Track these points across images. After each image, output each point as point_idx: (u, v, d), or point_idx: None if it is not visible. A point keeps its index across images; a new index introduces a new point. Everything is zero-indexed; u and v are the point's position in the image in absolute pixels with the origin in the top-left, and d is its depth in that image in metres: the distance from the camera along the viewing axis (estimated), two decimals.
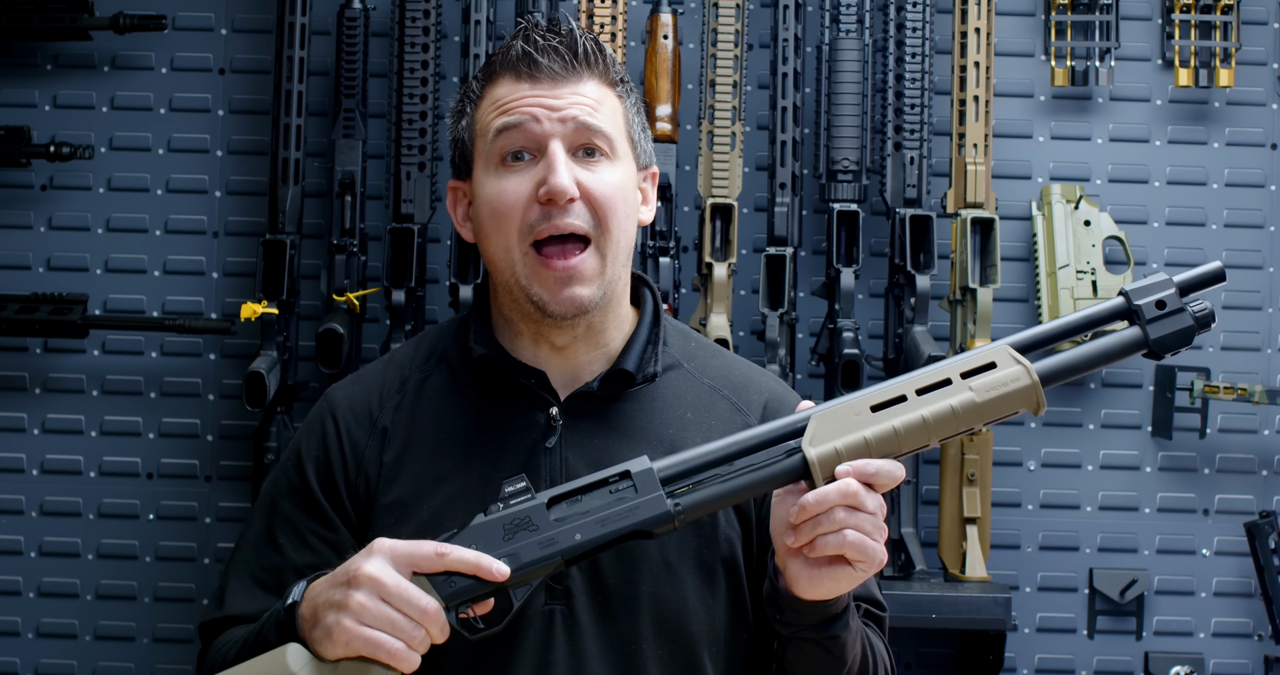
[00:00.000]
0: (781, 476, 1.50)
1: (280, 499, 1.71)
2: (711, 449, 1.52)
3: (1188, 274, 1.56)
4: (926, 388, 1.51)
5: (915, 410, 1.50)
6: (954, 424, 1.50)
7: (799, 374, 2.81)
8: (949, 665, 2.89)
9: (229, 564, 1.73)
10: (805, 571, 1.49)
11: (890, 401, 1.50)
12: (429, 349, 1.77)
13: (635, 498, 1.49)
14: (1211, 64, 2.86)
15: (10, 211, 2.90)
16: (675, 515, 1.49)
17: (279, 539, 1.69)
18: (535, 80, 1.65)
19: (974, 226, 2.73)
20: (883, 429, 1.49)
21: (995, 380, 1.50)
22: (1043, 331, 1.55)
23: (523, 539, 1.49)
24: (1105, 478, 2.90)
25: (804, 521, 1.47)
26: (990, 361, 1.52)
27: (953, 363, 1.52)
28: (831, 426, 1.50)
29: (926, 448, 1.51)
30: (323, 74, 2.84)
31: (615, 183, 1.65)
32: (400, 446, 1.69)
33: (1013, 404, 1.50)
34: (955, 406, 1.50)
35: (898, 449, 1.49)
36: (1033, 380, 1.50)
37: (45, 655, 2.86)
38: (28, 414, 2.89)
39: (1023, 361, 1.51)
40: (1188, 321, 1.53)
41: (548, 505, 1.50)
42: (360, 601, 1.44)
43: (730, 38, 2.74)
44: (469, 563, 1.46)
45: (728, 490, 1.50)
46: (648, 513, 1.49)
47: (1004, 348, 1.52)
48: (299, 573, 1.66)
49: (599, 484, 1.51)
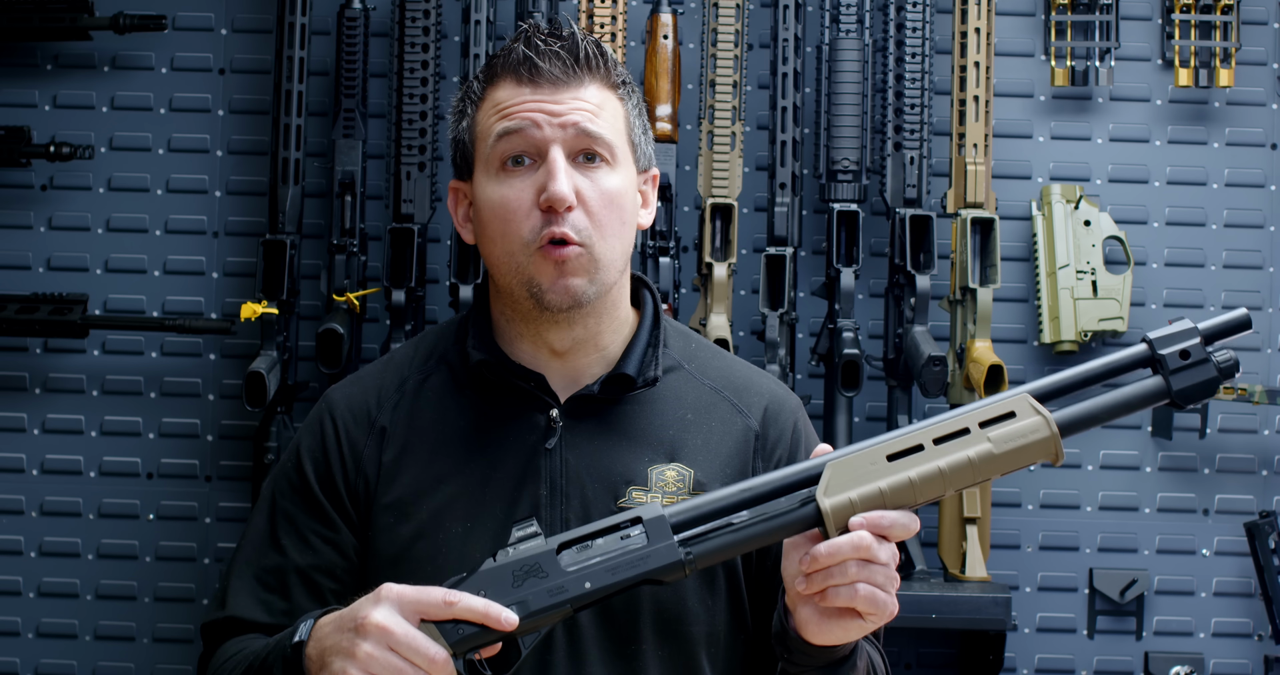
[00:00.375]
0: (795, 526, 1.48)
1: (281, 499, 1.72)
2: (724, 495, 1.50)
3: (1212, 321, 1.54)
4: (944, 437, 1.49)
5: (932, 461, 1.48)
6: (970, 475, 1.48)
7: (799, 374, 2.81)
8: (949, 665, 2.89)
9: (230, 564, 1.72)
10: (815, 618, 1.49)
11: (907, 450, 1.49)
12: (428, 350, 1.76)
13: (646, 546, 1.47)
14: (1211, 64, 2.86)
15: (10, 211, 2.90)
16: (686, 564, 1.47)
17: (280, 539, 1.69)
18: (536, 85, 1.65)
19: (974, 226, 2.73)
20: (898, 480, 1.47)
21: (1014, 431, 1.49)
22: (1063, 379, 1.53)
23: (532, 586, 1.47)
24: (1105, 478, 2.90)
25: (816, 571, 1.46)
26: (1010, 411, 1.49)
27: (971, 411, 1.50)
28: (847, 475, 1.48)
29: (942, 498, 1.50)
30: (323, 74, 2.84)
31: (614, 189, 1.65)
32: (399, 447, 1.69)
33: (1031, 455, 1.49)
34: (973, 458, 1.48)
35: (914, 500, 1.48)
36: (1052, 431, 1.49)
37: (45, 655, 2.86)
38: (28, 414, 2.89)
39: (1043, 412, 1.49)
40: (1211, 372, 1.52)
41: (557, 551, 1.48)
42: (368, 651, 1.43)
43: (730, 38, 2.74)
44: (478, 612, 1.45)
45: (740, 539, 1.49)
46: (659, 562, 1.47)
47: (1024, 397, 1.50)
48: (301, 573, 1.66)
49: (610, 529, 1.49)
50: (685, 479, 1.67)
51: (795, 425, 1.74)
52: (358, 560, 1.68)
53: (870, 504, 1.46)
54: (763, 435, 1.71)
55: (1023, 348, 2.91)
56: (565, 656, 1.62)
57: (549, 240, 1.62)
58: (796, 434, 1.74)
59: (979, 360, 2.66)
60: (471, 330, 1.72)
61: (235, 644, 1.65)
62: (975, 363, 2.67)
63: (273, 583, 1.67)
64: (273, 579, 1.68)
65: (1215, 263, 2.92)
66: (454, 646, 1.45)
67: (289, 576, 1.66)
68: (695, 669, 1.64)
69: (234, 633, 1.67)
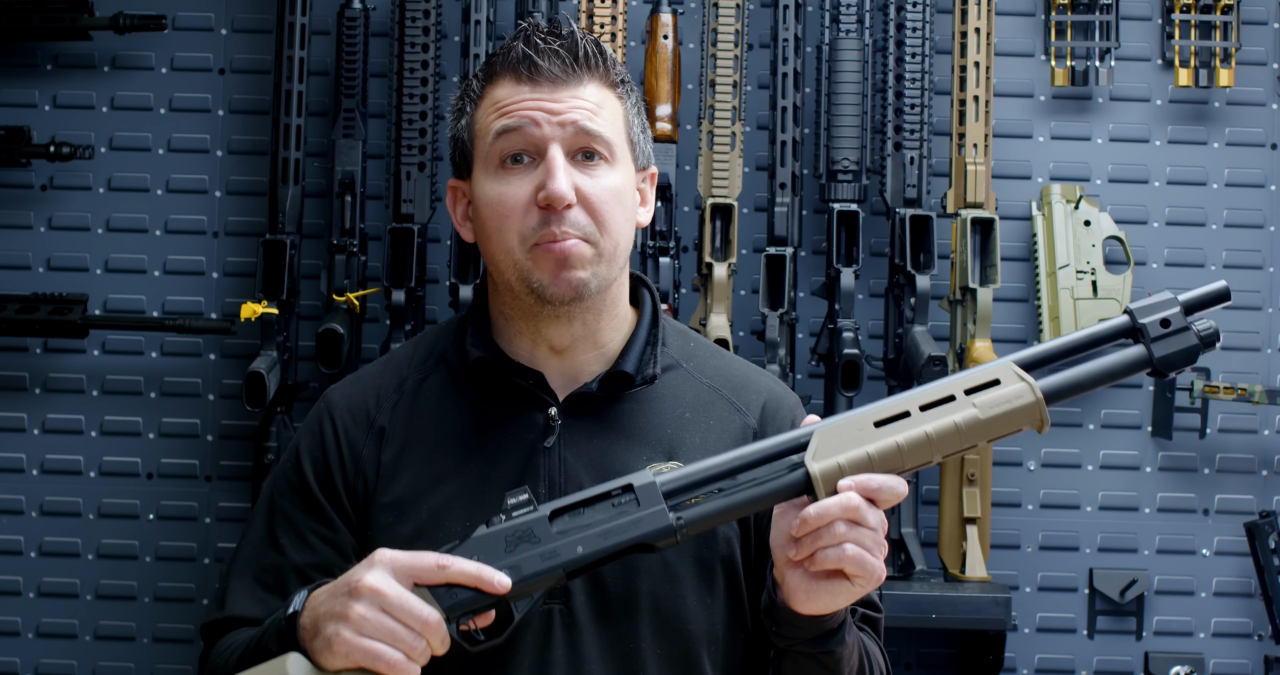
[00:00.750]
0: (784, 491, 1.50)
1: (280, 499, 1.72)
2: (714, 463, 1.52)
3: (1192, 293, 1.56)
4: (930, 404, 1.51)
5: (919, 426, 1.49)
6: (957, 440, 1.50)
7: (799, 374, 2.81)
8: (949, 665, 2.89)
9: (230, 564, 1.73)
10: (803, 585, 1.49)
11: (894, 417, 1.50)
12: (427, 349, 1.77)
13: (637, 511, 1.49)
14: (1211, 64, 2.86)
15: (10, 211, 2.90)
16: (678, 529, 1.49)
17: (280, 539, 1.69)
18: (536, 83, 1.65)
19: (974, 226, 2.73)
20: (886, 444, 1.49)
21: (999, 397, 1.50)
22: (1047, 349, 1.55)
23: (524, 551, 1.48)
24: (1105, 478, 2.90)
25: (805, 535, 1.47)
26: (994, 378, 1.52)
27: (956, 379, 1.52)
28: (835, 441, 1.50)
29: (930, 464, 1.51)
30: (323, 74, 2.84)
31: (613, 187, 1.66)
32: (399, 446, 1.69)
33: (1016, 421, 1.50)
34: (959, 422, 1.49)
35: (901, 465, 1.49)
36: (1036, 397, 1.50)
37: (45, 655, 2.86)
38: (28, 414, 2.89)
39: (1027, 379, 1.51)
40: (1192, 340, 1.53)
41: (550, 518, 1.50)
42: (361, 613, 1.44)
43: (730, 38, 2.74)
44: (470, 575, 1.46)
45: (730, 505, 1.50)
46: (650, 526, 1.48)
47: (1008, 365, 1.52)
48: (300, 573, 1.66)
49: (602, 497, 1.51)
50: None
51: (793, 423, 1.74)
52: (356, 560, 1.68)
53: (858, 468, 1.48)
54: (760, 432, 1.71)
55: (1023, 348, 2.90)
56: (564, 655, 1.62)
57: (548, 239, 1.62)
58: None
59: (979, 360, 2.66)
60: (470, 328, 1.72)
61: (233, 636, 1.65)
62: (975, 363, 2.67)
63: (271, 582, 1.68)
64: (271, 578, 1.68)
65: (1215, 263, 2.92)
66: (448, 611, 1.46)
67: (288, 575, 1.67)
68: (694, 668, 1.64)
69: (233, 631, 1.68)
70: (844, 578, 1.48)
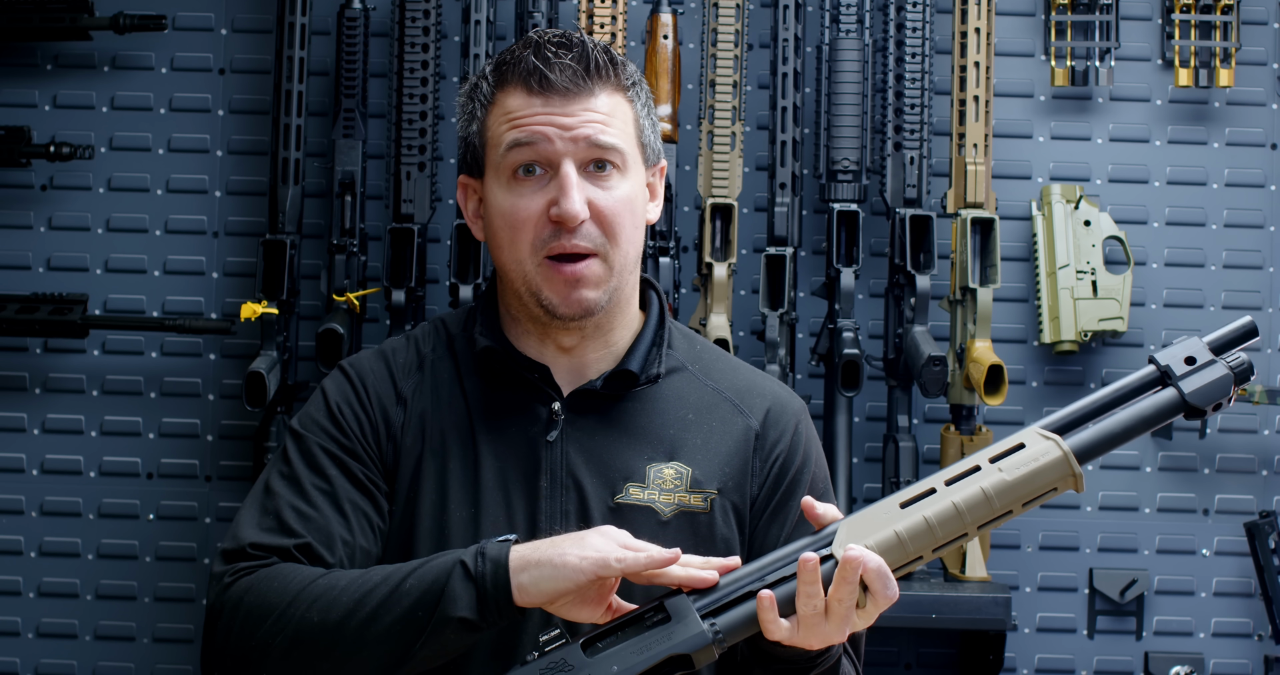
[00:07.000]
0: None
1: (311, 435, 1.67)
2: (744, 572, 1.50)
3: (1217, 333, 1.54)
4: (956, 477, 1.49)
5: (945, 498, 1.47)
6: (987, 507, 1.47)
7: (799, 374, 2.81)
8: (949, 665, 2.89)
9: (245, 509, 1.67)
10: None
11: (919, 496, 1.48)
12: (439, 334, 1.76)
13: (670, 625, 1.47)
14: (1211, 64, 2.86)
15: (10, 211, 2.90)
16: (714, 641, 1.46)
17: (324, 468, 1.64)
18: (547, 97, 1.65)
19: (974, 226, 2.73)
20: (914, 522, 1.47)
21: (1024, 458, 1.48)
22: (1073, 411, 1.51)
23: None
24: (1105, 478, 2.90)
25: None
26: (1019, 443, 1.49)
27: (982, 451, 1.50)
28: (862, 529, 1.48)
29: (966, 538, 1.48)
30: (323, 74, 2.84)
31: (625, 197, 1.67)
32: (416, 426, 1.69)
33: (1046, 479, 1.47)
34: (986, 488, 1.47)
35: (933, 542, 1.47)
36: (1063, 451, 1.47)
37: (45, 655, 2.86)
38: (28, 414, 2.89)
39: (1052, 436, 1.48)
40: (1222, 371, 1.50)
41: (583, 647, 1.48)
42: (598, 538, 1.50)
43: (730, 38, 2.74)
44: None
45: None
46: (683, 635, 1.46)
47: (1032, 429, 1.50)
48: (351, 504, 1.62)
49: (634, 620, 1.49)
50: (683, 477, 1.67)
51: (797, 427, 1.74)
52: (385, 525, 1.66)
53: (888, 549, 1.46)
54: (763, 435, 1.71)
55: (1023, 348, 2.91)
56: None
57: (558, 253, 1.64)
58: (798, 436, 1.74)
59: (979, 360, 2.66)
60: (479, 318, 1.73)
61: (338, 573, 1.57)
62: (975, 363, 2.67)
63: (309, 508, 1.62)
64: (316, 501, 1.62)
65: (1215, 263, 2.92)
66: None
67: (342, 503, 1.62)
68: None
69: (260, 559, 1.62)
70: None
